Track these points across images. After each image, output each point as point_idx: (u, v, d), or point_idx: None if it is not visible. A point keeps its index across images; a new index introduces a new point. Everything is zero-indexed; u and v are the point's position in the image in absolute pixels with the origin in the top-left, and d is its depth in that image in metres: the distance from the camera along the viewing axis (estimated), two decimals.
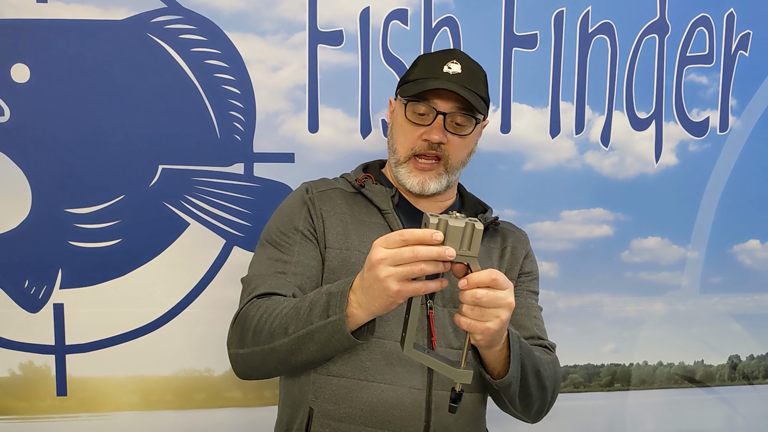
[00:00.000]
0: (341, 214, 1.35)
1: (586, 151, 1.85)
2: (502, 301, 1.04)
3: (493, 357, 1.16)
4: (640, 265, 1.94)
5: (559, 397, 1.94)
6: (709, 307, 2.01)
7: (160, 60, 1.61)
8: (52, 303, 1.64)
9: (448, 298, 1.32)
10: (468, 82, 1.32)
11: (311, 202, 1.35)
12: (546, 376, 1.27)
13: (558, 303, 1.91)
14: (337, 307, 1.09)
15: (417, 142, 1.33)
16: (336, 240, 1.32)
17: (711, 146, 1.91)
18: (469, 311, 1.04)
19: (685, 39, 1.84)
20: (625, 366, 1.99)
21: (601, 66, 1.82)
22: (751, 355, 2.06)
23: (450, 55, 1.36)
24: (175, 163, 1.65)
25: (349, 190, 1.40)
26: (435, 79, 1.31)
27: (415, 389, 1.26)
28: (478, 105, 1.31)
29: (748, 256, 2.00)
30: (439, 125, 1.31)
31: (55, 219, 1.62)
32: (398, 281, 0.98)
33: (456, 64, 1.33)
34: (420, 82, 1.32)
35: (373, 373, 1.26)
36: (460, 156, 1.37)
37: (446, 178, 1.36)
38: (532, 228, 1.85)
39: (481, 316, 1.04)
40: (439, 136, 1.31)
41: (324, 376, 1.28)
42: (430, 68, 1.34)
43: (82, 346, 1.67)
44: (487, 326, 1.04)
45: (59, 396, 1.68)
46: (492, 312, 1.04)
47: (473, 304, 1.03)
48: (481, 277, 1.02)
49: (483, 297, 1.02)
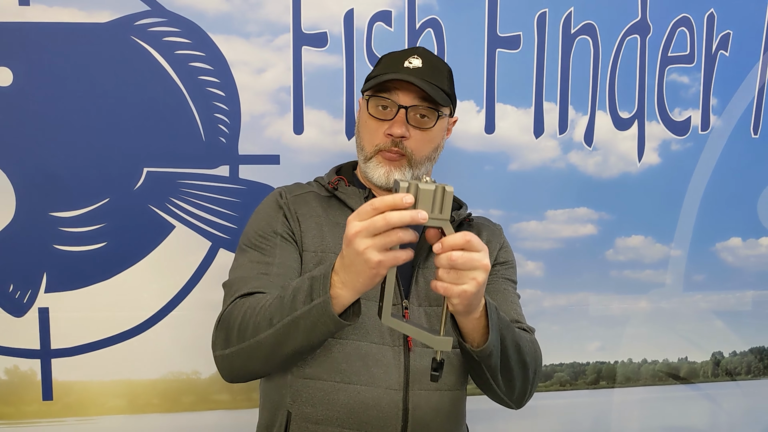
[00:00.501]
0: (316, 217, 1.35)
1: (570, 150, 1.86)
2: (477, 263, 1.03)
3: (471, 326, 1.14)
4: (624, 263, 1.95)
5: (546, 395, 1.98)
6: (692, 305, 2.03)
7: (144, 63, 1.60)
8: (37, 307, 1.64)
9: (423, 297, 1.33)
10: (429, 76, 1.33)
11: (286, 206, 1.36)
12: (527, 351, 1.26)
13: (544, 302, 1.92)
14: (321, 290, 1.08)
15: (381, 138, 1.34)
16: (312, 243, 1.33)
17: (693, 145, 1.93)
18: (445, 275, 1.03)
19: (667, 39, 1.86)
20: (610, 364, 2.00)
21: (583, 66, 1.83)
22: (734, 351, 2.09)
23: (412, 51, 1.38)
24: (160, 166, 1.64)
25: (322, 193, 1.41)
26: (394, 73, 1.32)
27: (391, 390, 1.26)
28: (438, 97, 1.31)
29: (730, 254, 2.02)
30: (401, 119, 1.32)
31: (40, 223, 1.61)
32: (378, 251, 0.98)
33: (417, 59, 1.34)
34: (380, 77, 1.33)
35: (349, 374, 1.26)
36: (424, 151, 1.36)
37: (410, 173, 1.36)
38: (517, 228, 1.86)
39: (458, 279, 1.03)
40: (401, 130, 1.32)
41: (301, 379, 1.28)
42: (391, 64, 1.36)
43: (67, 350, 1.66)
44: (463, 289, 1.03)
45: (45, 400, 1.67)
46: (468, 274, 1.03)
47: (449, 267, 1.02)
48: (456, 240, 1.01)
49: (458, 259, 1.01)
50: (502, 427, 1.94)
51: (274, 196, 1.39)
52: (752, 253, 2.03)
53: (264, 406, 1.38)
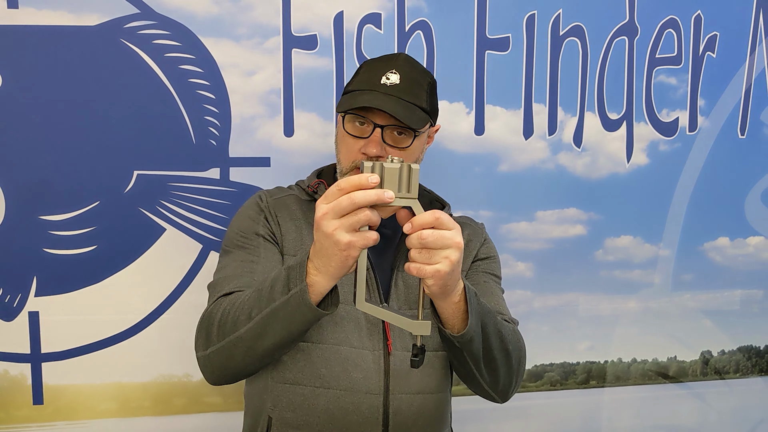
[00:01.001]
0: (296, 220, 1.35)
1: (559, 151, 1.87)
2: (449, 241, 1.01)
3: (450, 311, 1.12)
4: (613, 263, 1.97)
5: (536, 394, 1.99)
6: (681, 304, 2.04)
7: (134, 66, 1.60)
8: (27, 311, 1.63)
9: (403, 299, 1.32)
10: (406, 93, 1.28)
11: (267, 209, 1.35)
12: (509, 340, 1.24)
13: (534, 303, 1.93)
14: (297, 279, 1.06)
15: (357, 155, 1.30)
16: (292, 246, 1.32)
17: (681, 146, 1.94)
18: (417, 255, 1.01)
19: (654, 41, 1.87)
20: (600, 363, 2.01)
21: (572, 68, 1.84)
22: (723, 350, 2.11)
23: (391, 63, 1.32)
24: (150, 169, 1.64)
25: (303, 197, 1.39)
26: (370, 92, 1.28)
27: (372, 394, 1.25)
28: (412, 120, 1.27)
29: (718, 254, 2.04)
30: (376, 139, 1.27)
31: (29, 226, 1.60)
32: (346, 231, 0.96)
33: (395, 74, 1.29)
34: (356, 94, 1.29)
35: (328, 379, 1.25)
36: None
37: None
38: (507, 228, 1.87)
39: (430, 258, 1.01)
40: (377, 150, 1.27)
41: (281, 384, 1.28)
42: (368, 79, 1.31)
43: (58, 353, 1.66)
44: (437, 268, 1.01)
45: (36, 405, 1.67)
46: (440, 253, 1.01)
47: (420, 247, 1.01)
48: (425, 218, 1.00)
49: (429, 237, 1.00)
50: (492, 427, 1.95)
51: (255, 200, 1.39)
52: (740, 252, 2.05)
53: (247, 411, 1.38)
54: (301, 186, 1.42)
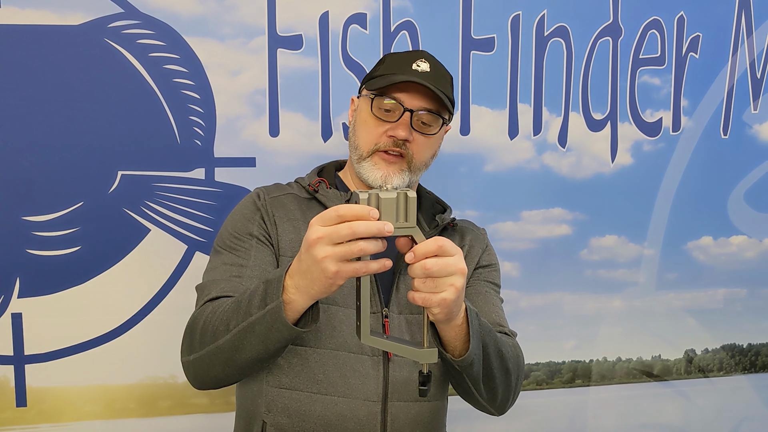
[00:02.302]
0: (294, 220, 1.32)
1: (544, 151, 1.88)
2: (453, 268, 0.99)
3: (453, 334, 1.11)
4: (598, 263, 1.98)
5: (523, 394, 1.97)
6: (665, 303, 2.05)
7: (118, 65, 1.59)
8: (9, 312, 1.62)
9: (404, 304, 1.30)
10: (436, 81, 1.30)
11: (264, 208, 1.32)
12: (509, 357, 1.23)
13: (520, 302, 1.94)
14: (274, 294, 1.04)
15: (381, 138, 1.30)
16: (290, 247, 1.29)
17: (665, 146, 1.96)
18: (421, 285, 1.00)
19: (638, 41, 1.89)
20: (585, 362, 2.02)
21: (557, 68, 1.85)
22: (706, 348, 2.12)
23: (418, 54, 1.34)
24: (134, 169, 1.63)
25: (302, 195, 1.37)
26: (404, 74, 1.29)
27: (369, 401, 1.24)
28: (446, 104, 1.30)
29: (702, 253, 2.05)
30: (405, 122, 1.29)
31: (12, 227, 1.59)
32: (336, 261, 0.94)
33: (425, 63, 1.31)
34: (388, 76, 1.30)
35: (326, 385, 1.24)
36: (424, 156, 1.34)
37: (408, 176, 1.32)
38: (493, 228, 1.87)
39: (435, 288, 0.99)
40: (406, 133, 1.28)
41: (276, 388, 1.26)
42: (398, 65, 1.32)
43: (41, 355, 1.64)
44: (443, 297, 1.00)
45: (19, 407, 1.65)
46: (445, 281, 0.99)
47: (424, 276, 0.98)
48: (428, 247, 0.97)
49: (433, 267, 0.97)
50: (479, 427, 1.95)
51: (252, 197, 1.36)
52: (723, 251, 2.06)
53: (239, 414, 1.36)
54: (300, 184, 1.40)
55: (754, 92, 1.99)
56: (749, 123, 2.01)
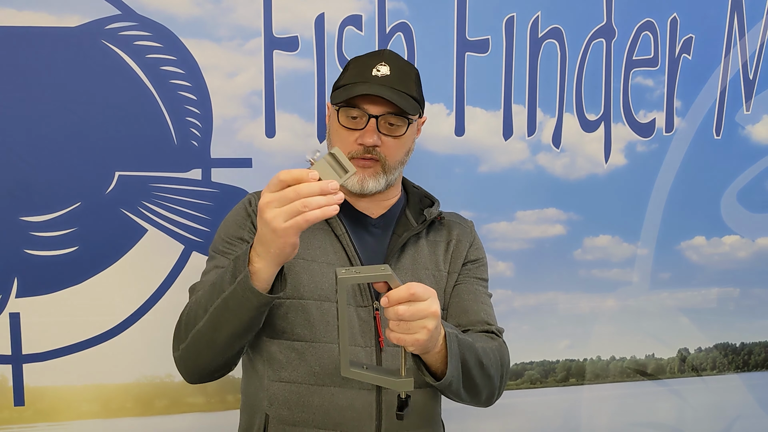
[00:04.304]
0: None
1: (538, 152, 1.89)
2: (425, 312, 1.06)
3: (432, 359, 1.17)
4: (592, 262, 1.99)
5: (517, 393, 2.00)
6: (658, 302, 2.07)
7: (115, 67, 1.60)
8: (8, 312, 1.63)
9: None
10: (397, 83, 1.34)
11: (255, 214, 1.33)
12: (490, 365, 1.27)
13: (514, 302, 1.95)
14: (241, 266, 1.11)
15: (353, 146, 1.35)
16: None
17: (658, 146, 1.97)
18: (395, 326, 1.07)
19: (631, 43, 1.90)
20: (579, 361, 2.04)
21: (551, 70, 1.86)
22: (699, 347, 2.13)
23: (379, 56, 1.38)
24: (131, 170, 1.64)
25: None
26: (363, 83, 1.33)
27: (364, 390, 1.30)
28: (407, 106, 1.33)
29: (695, 253, 2.06)
30: (372, 128, 1.33)
31: (10, 227, 1.60)
32: (284, 219, 1.01)
33: (384, 66, 1.35)
34: (349, 87, 1.34)
35: (322, 377, 1.30)
36: (397, 156, 1.38)
37: (384, 178, 1.37)
38: (488, 228, 1.89)
39: (408, 330, 1.07)
40: (373, 139, 1.33)
41: (276, 382, 1.31)
42: (359, 72, 1.36)
43: (39, 355, 1.65)
44: (415, 338, 1.07)
45: (17, 406, 1.66)
46: (418, 324, 1.07)
47: (397, 320, 1.06)
48: (400, 294, 1.05)
49: (405, 313, 1.05)
50: (473, 426, 1.96)
51: (244, 204, 1.40)
52: (716, 251, 2.08)
53: (243, 409, 1.41)
54: None
55: (746, 93, 2.00)
56: (742, 124, 2.02)
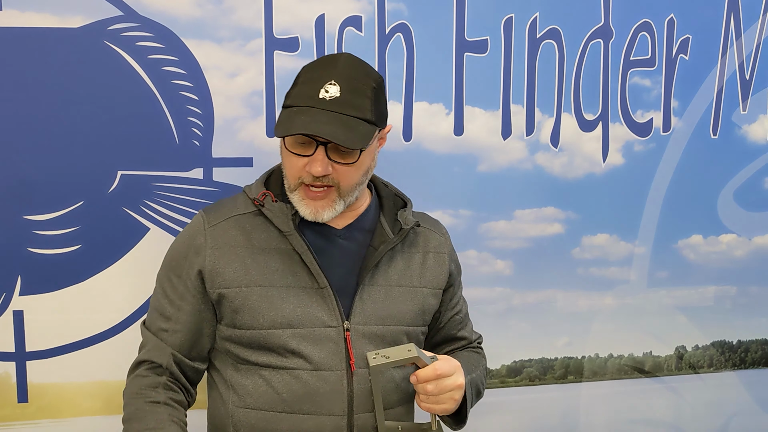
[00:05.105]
0: (237, 248, 1.31)
1: (537, 152, 1.91)
2: (451, 387, 1.22)
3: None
4: (590, 261, 2.01)
5: (515, 390, 2.02)
6: (656, 301, 2.08)
7: (118, 67, 1.62)
8: (11, 310, 1.64)
9: (370, 314, 1.32)
10: (347, 106, 1.20)
11: (204, 246, 1.32)
12: (484, 386, 1.42)
13: (513, 300, 1.97)
14: None
15: (302, 172, 1.25)
16: (234, 278, 1.29)
17: (655, 146, 1.99)
18: (425, 399, 1.23)
19: (629, 43, 1.92)
20: (577, 359, 2.06)
21: (549, 70, 1.88)
22: (697, 345, 2.15)
23: (330, 70, 1.24)
24: (134, 169, 1.66)
25: (248, 210, 1.35)
26: (308, 109, 1.20)
27: (336, 416, 1.27)
28: (353, 140, 1.20)
29: (692, 251, 2.08)
30: (320, 157, 1.22)
31: (14, 226, 1.62)
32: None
33: (334, 86, 1.21)
34: (293, 113, 1.22)
35: (291, 404, 1.27)
36: (352, 180, 1.28)
37: (341, 203, 1.29)
38: (486, 227, 1.91)
39: (437, 401, 1.23)
40: (323, 168, 1.22)
41: (242, 408, 1.30)
42: (306, 92, 1.23)
43: (42, 352, 1.67)
44: (444, 408, 1.24)
45: (20, 403, 1.67)
46: (445, 396, 1.22)
47: (426, 395, 1.22)
48: (427, 374, 1.20)
49: (433, 390, 1.21)
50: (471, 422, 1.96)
51: (193, 231, 1.35)
52: (713, 250, 2.09)
53: (210, 429, 1.42)
54: (248, 195, 1.37)
55: (743, 93, 2.02)
56: (738, 123, 2.04)
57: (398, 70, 1.78)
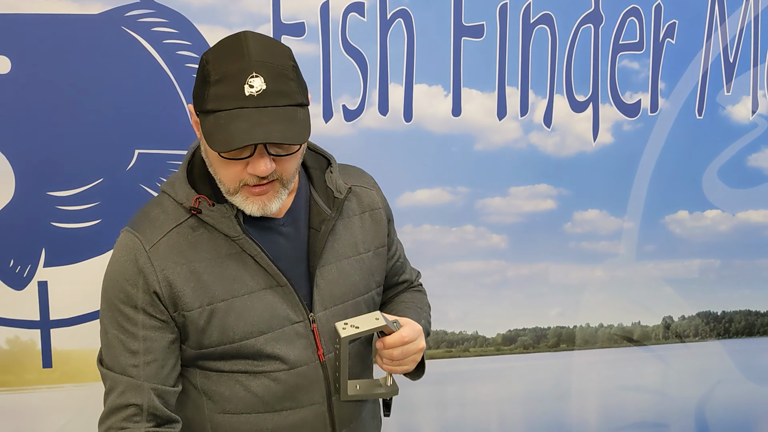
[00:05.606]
0: (187, 264, 1.20)
1: (531, 131, 1.99)
2: (414, 350, 1.25)
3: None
4: (581, 235, 2.08)
5: (510, 357, 2.11)
6: (644, 273, 2.15)
7: (135, 52, 1.70)
8: (36, 281, 1.72)
9: (327, 298, 1.30)
10: (277, 96, 1.10)
11: (152, 267, 1.19)
12: (430, 326, 1.49)
13: (508, 272, 2.05)
14: None
15: (243, 174, 1.14)
16: (195, 299, 1.20)
17: (643, 126, 2.06)
18: (389, 363, 1.26)
19: (618, 28, 1.99)
20: (569, 328, 2.13)
21: (542, 53, 1.95)
22: (683, 315, 2.23)
23: (245, 62, 1.09)
24: (150, 148, 1.74)
25: (183, 218, 1.22)
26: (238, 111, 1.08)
27: (316, 404, 1.28)
28: (301, 134, 1.11)
29: (678, 226, 2.15)
30: (261, 156, 1.11)
31: (38, 201, 1.70)
32: None
33: (257, 78, 1.08)
34: (222, 119, 1.08)
35: (272, 404, 1.26)
36: (293, 168, 1.19)
37: (285, 191, 1.20)
38: (483, 203, 1.99)
39: (400, 364, 1.26)
40: (266, 167, 1.12)
41: (220, 414, 1.26)
42: (229, 92, 1.09)
43: (65, 320, 1.75)
44: (405, 368, 1.28)
45: (45, 368, 1.76)
46: (408, 360, 1.26)
47: (391, 359, 1.25)
48: (394, 341, 1.23)
49: (398, 355, 1.24)
50: (470, 387, 2.07)
51: (132, 256, 1.20)
52: (698, 224, 2.17)
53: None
54: (176, 200, 1.24)
55: (727, 75, 2.09)
56: (722, 104, 2.11)
57: (399, 54, 1.85)
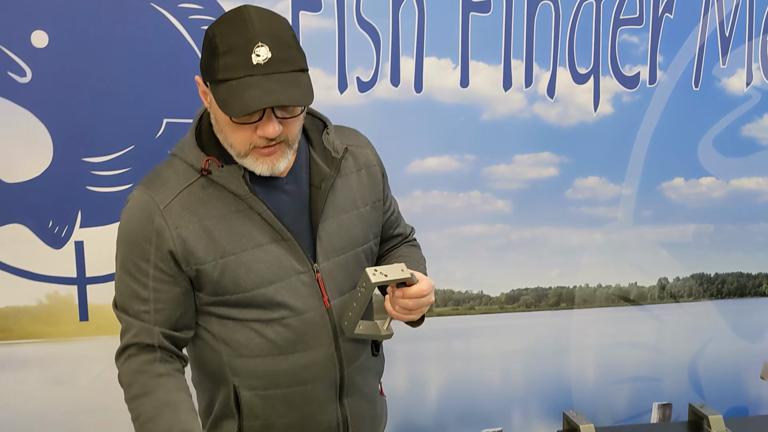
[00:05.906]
0: (199, 221, 1.28)
1: (535, 102, 2.06)
2: (426, 303, 1.33)
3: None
4: (581, 201, 2.16)
5: (513, 315, 2.20)
6: (640, 237, 2.23)
7: (163, 26, 1.78)
8: (73, 240, 1.82)
9: (330, 249, 1.38)
10: (283, 63, 1.17)
11: (165, 225, 1.27)
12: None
13: (511, 235, 2.14)
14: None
15: (253, 137, 1.22)
16: (207, 254, 1.28)
17: (642, 97, 2.13)
18: (400, 311, 1.33)
19: (618, 3, 2.05)
20: (569, 288, 2.22)
21: (546, 28, 2.02)
22: (677, 277, 2.30)
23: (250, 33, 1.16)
24: (177, 117, 1.83)
25: (193, 178, 1.30)
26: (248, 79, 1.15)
27: (325, 346, 1.37)
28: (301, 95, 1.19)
29: (674, 192, 2.23)
30: (269, 120, 1.20)
31: (74, 167, 1.79)
32: None
33: (263, 47, 1.15)
34: (234, 87, 1.16)
35: (285, 348, 1.34)
36: (297, 128, 1.28)
37: (290, 151, 1.28)
38: (489, 170, 2.08)
39: (409, 314, 1.34)
40: (275, 129, 1.20)
41: (239, 358, 1.34)
42: (238, 62, 1.16)
43: (100, 277, 1.86)
44: (412, 317, 1.35)
45: (82, 321, 1.87)
46: (418, 311, 1.34)
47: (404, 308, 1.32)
48: (414, 293, 1.30)
49: (413, 305, 1.31)
50: (475, 343, 2.18)
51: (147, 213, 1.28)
52: (693, 191, 2.24)
53: (203, 386, 1.44)
54: (187, 162, 1.32)
55: (722, 49, 2.15)
56: (718, 77, 2.17)
57: (410, 27, 1.93)
